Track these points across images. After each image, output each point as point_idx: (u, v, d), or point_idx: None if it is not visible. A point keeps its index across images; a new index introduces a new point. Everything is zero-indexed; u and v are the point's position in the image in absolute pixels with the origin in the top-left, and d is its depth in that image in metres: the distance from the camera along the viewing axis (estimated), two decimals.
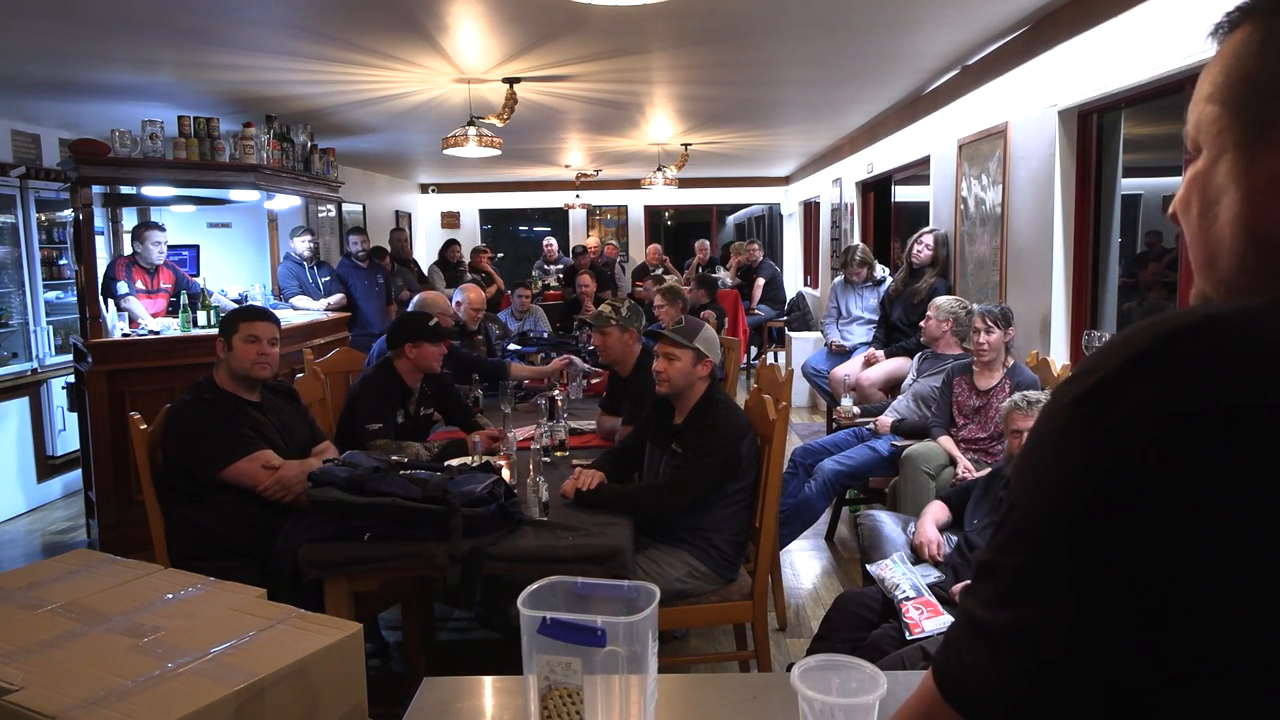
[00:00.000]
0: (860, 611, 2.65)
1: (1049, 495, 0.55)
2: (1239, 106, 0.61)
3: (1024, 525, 0.57)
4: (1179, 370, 0.52)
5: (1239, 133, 0.61)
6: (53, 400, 5.74)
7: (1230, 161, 0.62)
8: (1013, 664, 0.56)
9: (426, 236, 12.30)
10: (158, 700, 1.34)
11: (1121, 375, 0.54)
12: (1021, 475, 0.58)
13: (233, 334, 2.92)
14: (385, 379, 3.53)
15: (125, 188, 5.62)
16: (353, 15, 3.72)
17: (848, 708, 1.01)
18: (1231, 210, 0.62)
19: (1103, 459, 0.52)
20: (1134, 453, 0.51)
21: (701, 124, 7.20)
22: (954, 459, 3.70)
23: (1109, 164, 3.85)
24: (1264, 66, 0.60)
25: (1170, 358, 0.53)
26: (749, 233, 15.18)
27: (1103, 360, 0.56)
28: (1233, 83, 0.62)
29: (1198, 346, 0.53)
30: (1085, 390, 0.55)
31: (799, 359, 7.27)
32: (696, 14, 3.75)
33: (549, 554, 2.45)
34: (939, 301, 4.31)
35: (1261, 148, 0.60)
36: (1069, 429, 0.55)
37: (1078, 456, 0.54)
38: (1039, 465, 0.57)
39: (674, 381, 2.88)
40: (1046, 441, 0.56)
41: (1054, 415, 0.57)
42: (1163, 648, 0.51)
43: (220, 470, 2.76)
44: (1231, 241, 0.63)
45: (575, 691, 1.18)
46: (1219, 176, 0.63)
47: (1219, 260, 0.64)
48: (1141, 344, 0.54)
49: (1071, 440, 0.54)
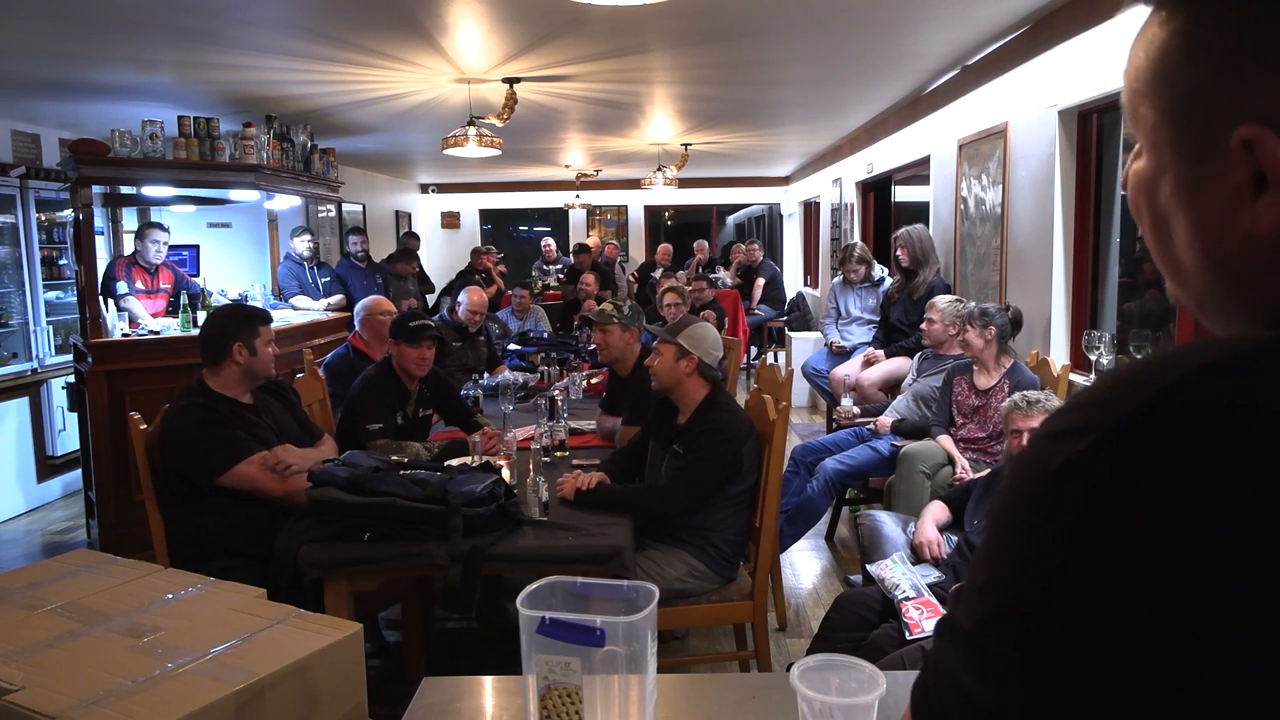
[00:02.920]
0: (860, 611, 2.66)
1: (1022, 573, 0.48)
2: (1177, 119, 0.55)
3: (992, 599, 0.50)
4: (1166, 442, 0.45)
5: (1181, 149, 0.55)
6: (53, 400, 5.74)
7: (1173, 182, 0.56)
8: None
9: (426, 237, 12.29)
10: (158, 700, 1.34)
11: (1114, 440, 0.46)
12: (994, 537, 0.52)
13: (254, 338, 2.85)
14: (385, 379, 3.53)
15: (125, 188, 5.63)
16: (353, 15, 3.72)
17: (847, 707, 1.01)
18: (1187, 235, 0.56)
19: (1086, 543, 0.46)
20: (1124, 537, 0.45)
21: (701, 124, 7.20)
22: (953, 459, 3.70)
23: (1109, 164, 3.85)
24: (1194, 80, 0.53)
25: (1169, 421, 0.46)
26: (749, 233, 15.17)
27: (1093, 417, 0.48)
28: (1162, 89, 0.56)
29: (1198, 409, 0.45)
30: (1073, 456, 0.47)
31: (799, 359, 7.27)
32: (696, 14, 3.75)
33: (549, 554, 2.45)
34: (940, 305, 4.27)
35: (1204, 170, 0.53)
36: (1052, 499, 0.47)
37: (1058, 535, 0.46)
38: (1014, 532, 0.50)
39: (659, 377, 2.89)
40: (1024, 507, 0.49)
41: (1037, 478, 0.49)
42: None
43: (217, 477, 2.74)
44: (1194, 269, 0.56)
45: (574, 691, 1.18)
46: (1164, 194, 0.57)
47: (1186, 283, 0.58)
48: (1136, 401, 0.47)
49: (1053, 513, 0.47)
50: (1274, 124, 0.49)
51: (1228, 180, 0.52)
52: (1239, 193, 0.52)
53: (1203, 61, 0.52)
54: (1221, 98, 0.52)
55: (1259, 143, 0.50)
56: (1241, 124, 0.50)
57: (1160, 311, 3.63)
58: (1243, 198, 0.51)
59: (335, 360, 4.31)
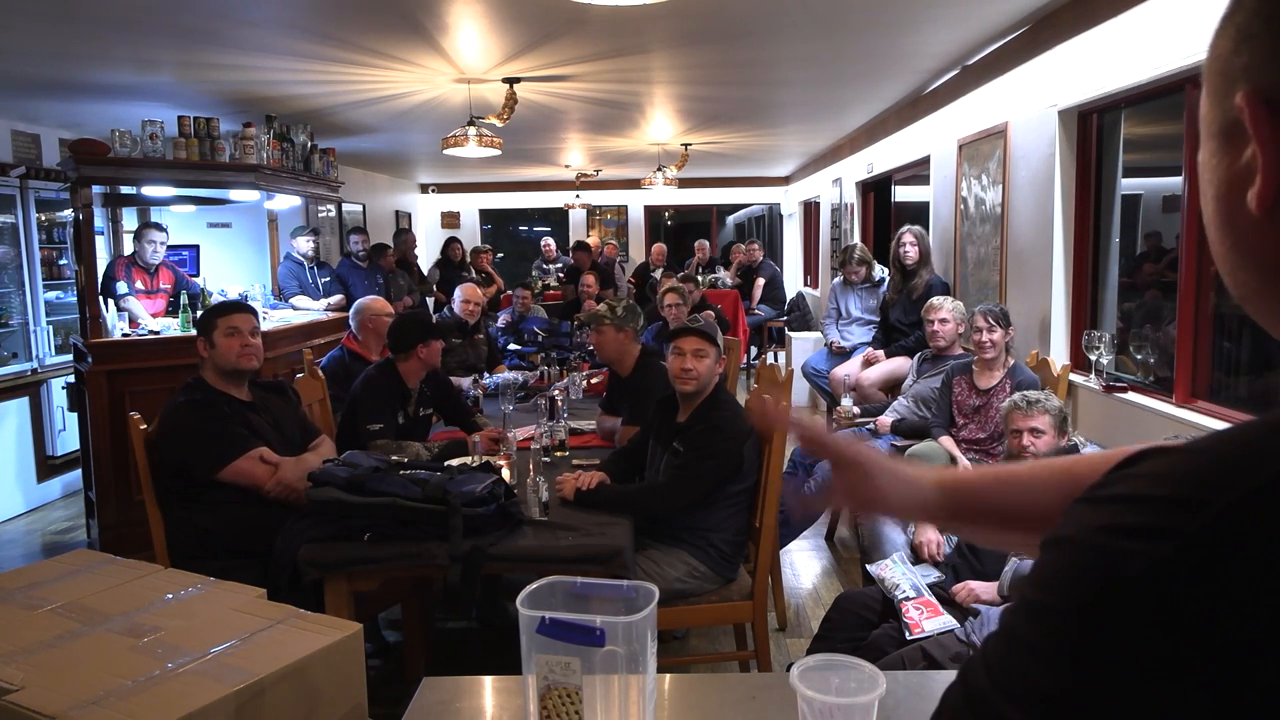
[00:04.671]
0: (860, 611, 2.66)
1: (1082, 687, 0.39)
2: (1213, 93, 0.52)
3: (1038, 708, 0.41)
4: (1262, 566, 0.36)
5: (1213, 122, 0.52)
6: (53, 400, 5.74)
7: (1208, 152, 0.53)
8: None
9: (426, 236, 12.30)
10: (158, 700, 1.34)
11: (1209, 544, 0.37)
12: (1039, 633, 0.43)
13: (211, 331, 2.89)
14: (387, 380, 3.53)
15: (125, 188, 5.62)
16: (353, 15, 3.72)
17: (846, 707, 1.01)
18: (1211, 206, 0.53)
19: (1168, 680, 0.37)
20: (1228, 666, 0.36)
21: (701, 124, 7.20)
22: (954, 459, 3.70)
23: (1109, 164, 3.85)
24: (1224, 48, 0.50)
25: (1258, 541, 0.37)
26: (749, 233, 15.16)
27: (1168, 514, 0.38)
28: (1210, 63, 0.53)
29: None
30: (1157, 560, 0.38)
31: (799, 359, 7.27)
32: (696, 14, 3.75)
33: (549, 554, 2.45)
34: (948, 306, 4.25)
35: (1223, 143, 0.51)
36: (1130, 611, 0.38)
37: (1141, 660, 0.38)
38: (1071, 644, 0.40)
39: (702, 379, 2.85)
40: (1089, 616, 0.40)
41: (1108, 585, 0.39)
42: None
43: (217, 471, 2.75)
44: (1219, 247, 0.53)
45: (574, 691, 1.18)
46: (1204, 166, 0.54)
47: (1219, 263, 0.55)
48: (1236, 492, 0.38)
49: (1132, 632, 0.38)
50: (1269, 95, 0.46)
51: (1239, 155, 0.49)
52: (1248, 168, 0.48)
53: (1231, 31, 0.50)
54: (1235, 66, 0.49)
55: (1245, 110, 0.47)
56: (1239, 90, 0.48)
57: (1160, 311, 3.63)
58: (1252, 173, 0.48)
59: (330, 363, 4.29)
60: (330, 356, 4.41)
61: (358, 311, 4.44)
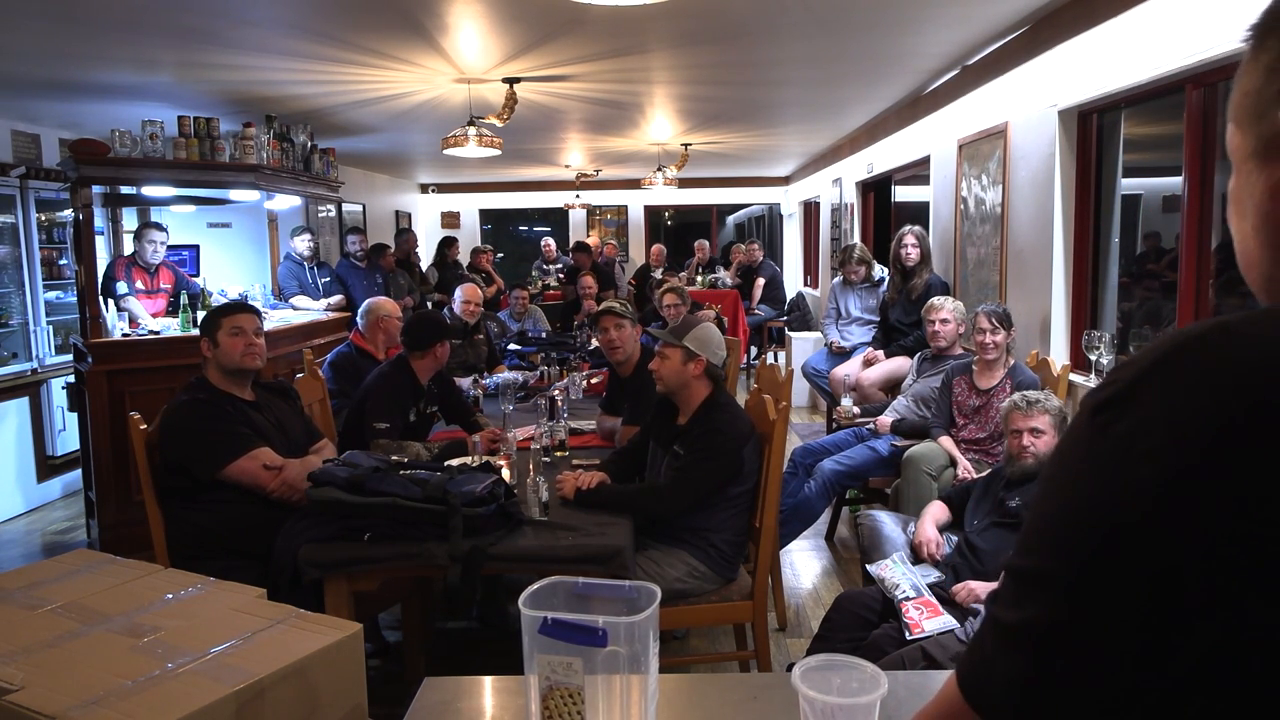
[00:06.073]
0: (860, 611, 2.65)
1: (1065, 499, 0.57)
2: (1244, 122, 0.63)
3: (1041, 528, 0.59)
4: (1187, 377, 0.53)
5: (1247, 148, 0.63)
6: (53, 400, 5.74)
7: (1243, 175, 0.64)
8: (1022, 661, 0.57)
9: (426, 236, 12.30)
10: (158, 700, 1.34)
11: (1135, 383, 0.56)
12: (1044, 483, 0.61)
13: (216, 330, 2.90)
14: (402, 378, 3.54)
15: (125, 188, 5.63)
16: (353, 15, 3.72)
17: (848, 708, 1.01)
18: (1251, 223, 0.63)
19: (1115, 463, 0.54)
20: (1146, 456, 0.53)
21: (701, 124, 7.20)
22: (954, 459, 3.70)
23: (1109, 164, 3.85)
24: (1254, 83, 0.62)
25: (1179, 366, 0.54)
26: (749, 233, 15.17)
27: (1121, 371, 0.58)
28: (1238, 99, 0.64)
29: (1206, 354, 0.54)
30: (1103, 400, 0.57)
31: (799, 359, 7.27)
32: (696, 14, 3.75)
33: (549, 554, 2.45)
34: (949, 306, 4.24)
35: (1260, 162, 0.62)
36: (1088, 436, 0.57)
37: (1093, 461, 0.56)
38: (1059, 471, 0.59)
39: (666, 380, 2.88)
40: (1069, 450, 0.59)
41: (1077, 425, 0.59)
42: (1174, 648, 0.51)
43: (219, 470, 2.75)
44: (1256, 253, 0.64)
45: (576, 691, 1.18)
46: (1240, 190, 0.65)
47: (1250, 270, 0.65)
48: (1155, 354, 0.56)
49: (1089, 446, 0.57)
50: None
51: (1277, 169, 0.60)
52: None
53: (1259, 68, 0.61)
54: (1267, 95, 0.60)
55: None
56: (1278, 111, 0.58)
57: (1160, 311, 3.63)
58: None
59: (338, 358, 4.35)
60: (338, 351, 4.46)
61: (367, 311, 4.49)
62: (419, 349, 3.56)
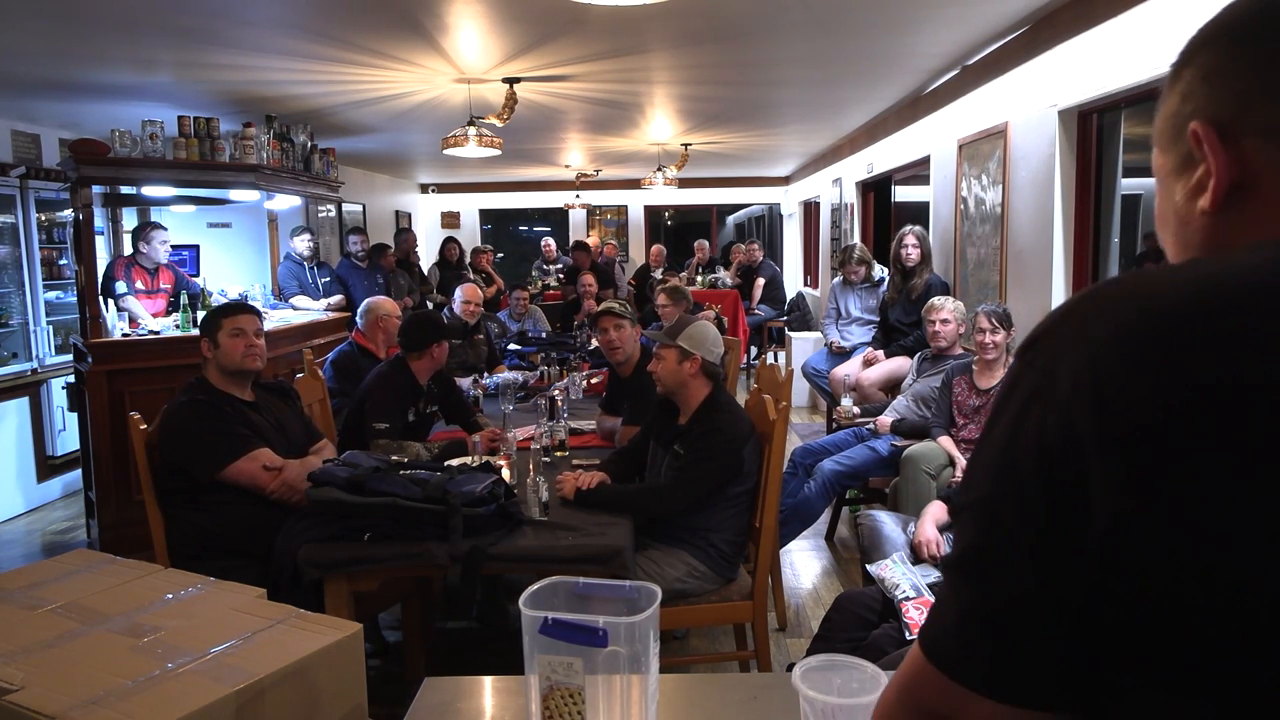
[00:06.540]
0: (860, 611, 2.65)
1: (998, 433, 0.63)
2: (1165, 144, 0.71)
3: (978, 463, 0.64)
4: (1093, 314, 0.61)
5: (1168, 167, 0.71)
6: (53, 400, 5.74)
7: (1166, 192, 0.71)
8: (966, 594, 0.60)
9: (426, 236, 12.31)
10: (158, 700, 1.34)
11: (1052, 323, 0.63)
12: (983, 428, 0.67)
13: (216, 331, 2.90)
14: (401, 378, 3.54)
15: (125, 188, 5.63)
16: (353, 15, 3.72)
17: (849, 708, 1.01)
18: (1173, 232, 0.71)
19: (1035, 388, 0.60)
20: (1058, 379, 0.59)
21: (701, 124, 7.20)
22: (954, 459, 3.70)
23: (1109, 164, 3.85)
24: (1172, 108, 0.70)
25: (1089, 305, 0.62)
26: (749, 233, 15.16)
27: (1045, 318, 0.64)
28: (1159, 124, 0.72)
29: (1109, 297, 0.61)
30: (1029, 340, 0.64)
31: (799, 359, 7.27)
32: (696, 14, 3.75)
33: (549, 554, 2.45)
34: (949, 307, 4.23)
35: (1178, 176, 0.69)
36: (1016, 372, 0.64)
37: (1019, 392, 0.62)
38: (993, 414, 0.65)
39: (664, 380, 2.88)
40: (1002, 392, 0.65)
41: (1009, 367, 0.66)
42: (1115, 578, 0.55)
43: (219, 471, 2.75)
44: (1172, 249, 0.72)
45: (576, 692, 1.18)
46: (1165, 208, 0.72)
47: (1170, 255, 0.73)
48: (1072, 301, 0.64)
49: (1016, 379, 0.63)
50: (1215, 121, 0.64)
51: (1191, 177, 0.67)
52: (1199, 184, 0.66)
53: (1176, 95, 0.70)
54: (1183, 114, 0.68)
55: (1200, 133, 0.65)
56: (1190, 125, 0.66)
57: None
58: (1203, 187, 0.66)
59: (340, 356, 4.38)
60: (339, 350, 4.48)
61: (367, 310, 4.51)
62: (415, 350, 3.56)
